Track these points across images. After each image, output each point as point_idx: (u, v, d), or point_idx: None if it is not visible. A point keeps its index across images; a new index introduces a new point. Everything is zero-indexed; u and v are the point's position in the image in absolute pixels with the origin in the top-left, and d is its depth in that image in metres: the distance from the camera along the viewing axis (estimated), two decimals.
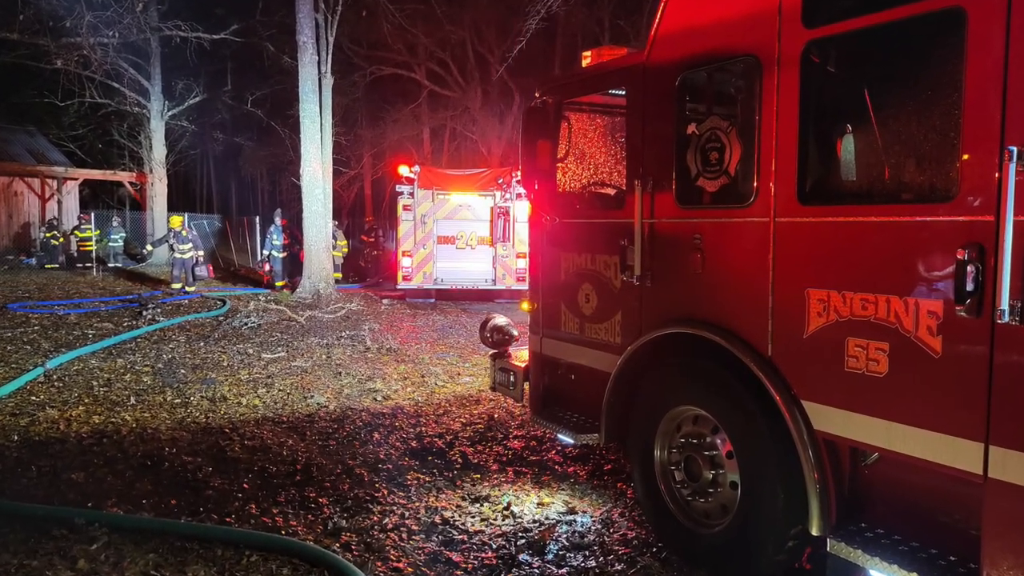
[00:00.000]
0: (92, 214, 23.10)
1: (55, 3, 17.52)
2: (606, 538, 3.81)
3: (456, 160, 24.95)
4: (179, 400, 6.54)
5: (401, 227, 14.67)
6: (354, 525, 3.91)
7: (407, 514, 4.09)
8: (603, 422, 3.93)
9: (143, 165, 24.24)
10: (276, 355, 8.70)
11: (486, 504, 4.25)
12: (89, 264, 20.52)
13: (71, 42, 18.95)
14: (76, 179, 26.66)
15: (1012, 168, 2.28)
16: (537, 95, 4.47)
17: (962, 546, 2.59)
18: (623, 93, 4.02)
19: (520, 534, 3.85)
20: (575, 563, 3.54)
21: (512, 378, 4.94)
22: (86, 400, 6.46)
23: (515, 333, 5.15)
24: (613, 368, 3.86)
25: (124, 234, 23.09)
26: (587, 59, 4.34)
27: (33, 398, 6.50)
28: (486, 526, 3.96)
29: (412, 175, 14.51)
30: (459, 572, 3.44)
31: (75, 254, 21.57)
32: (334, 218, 16.66)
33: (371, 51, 22.50)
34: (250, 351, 8.90)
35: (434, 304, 14.37)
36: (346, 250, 19.11)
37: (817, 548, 3.12)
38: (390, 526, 3.92)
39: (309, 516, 4.02)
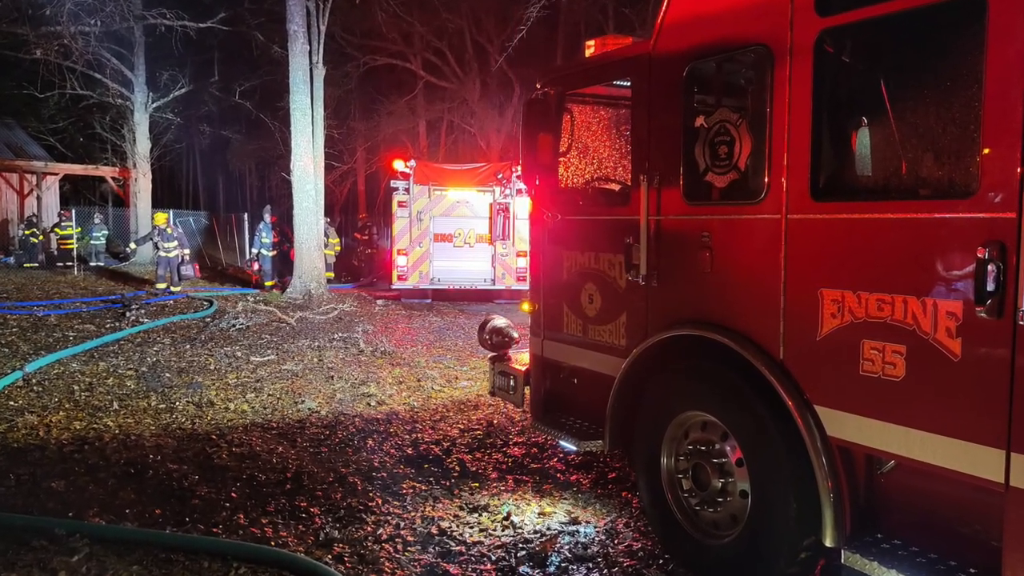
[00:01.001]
0: (73, 211, 22.77)
1: None
2: (610, 549, 3.75)
3: (454, 154, 24.66)
4: (164, 405, 6.44)
5: (396, 224, 14.42)
6: (347, 536, 3.84)
7: (402, 524, 4.01)
8: (607, 428, 3.86)
9: (126, 160, 23.90)
10: (265, 358, 8.58)
11: (485, 514, 4.18)
12: (70, 263, 20.22)
13: (51, 31, 18.60)
14: (56, 174, 26.30)
15: None
16: (538, 86, 4.39)
17: (982, 558, 2.53)
18: (628, 84, 3.94)
19: (520, 545, 3.78)
20: None
21: (512, 382, 4.86)
22: (67, 405, 6.35)
23: (515, 335, 5.07)
24: (618, 372, 3.79)
25: (107, 232, 22.76)
26: (590, 49, 4.26)
27: (11, 403, 6.38)
28: (485, 537, 3.88)
29: (408, 170, 14.27)
30: None
31: (55, 252, 21.24)
32: (326, 215, 16.45)
33: (365, 40, 22.20)
34: (238, 354, 8.78)
35: (430, 305, 14.20)
36: (339, 248, 18.96)
37: (831, 560, 3.08)
38: (384, 537, 3.84)
39: (300, 526, 3.94)
